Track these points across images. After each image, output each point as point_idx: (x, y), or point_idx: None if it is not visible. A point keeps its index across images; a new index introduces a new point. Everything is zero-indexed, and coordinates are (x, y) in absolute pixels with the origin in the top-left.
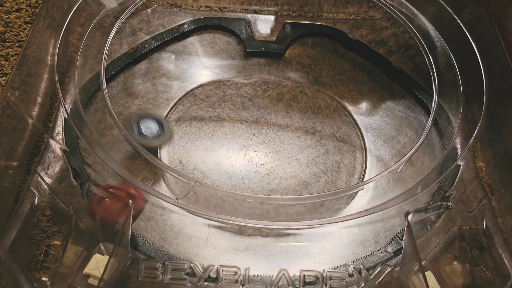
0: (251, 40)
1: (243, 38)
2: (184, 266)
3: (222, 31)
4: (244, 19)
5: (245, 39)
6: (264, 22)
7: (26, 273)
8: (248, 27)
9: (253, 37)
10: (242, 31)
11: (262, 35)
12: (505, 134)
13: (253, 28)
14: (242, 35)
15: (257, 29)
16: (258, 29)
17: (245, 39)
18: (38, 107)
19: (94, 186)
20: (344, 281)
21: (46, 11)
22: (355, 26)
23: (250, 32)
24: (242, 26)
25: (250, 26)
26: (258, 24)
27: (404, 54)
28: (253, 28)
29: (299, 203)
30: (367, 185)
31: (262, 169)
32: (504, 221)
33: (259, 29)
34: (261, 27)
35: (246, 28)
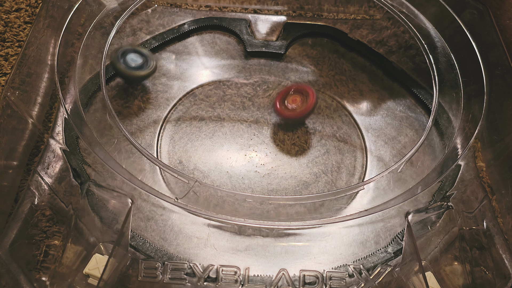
0: (251, 40)
1: (243, 38)
2: (184, 266)
3: (222, 31)
4: (245, 19)
5: (245, 39)
6: (264, 22)
7: (26, 273)
8: (249, 27)
9: (254, 37)
10: (242, 31)
11: (262, 35)
12: (506, 134)
13: (253, 28)
14: (242, 35)
15: (257, 29)
16: (259, 29)
17: (245, 39)
18: (38, 107)
19: (94, 186)
20: (344, 281)
21: (46, 11)
22: (355, 26)
23: (251, 32)
24: (242, 26)
25: (251, 26)
26: (259, 24)
27: (405, 54)
28: (254, 28)
29: (299, 203)
30: (368, 185)
31: (262, 169)
32: (505, 222)
33: (259, 29)
34: (261, 27)
35: (246, 28)
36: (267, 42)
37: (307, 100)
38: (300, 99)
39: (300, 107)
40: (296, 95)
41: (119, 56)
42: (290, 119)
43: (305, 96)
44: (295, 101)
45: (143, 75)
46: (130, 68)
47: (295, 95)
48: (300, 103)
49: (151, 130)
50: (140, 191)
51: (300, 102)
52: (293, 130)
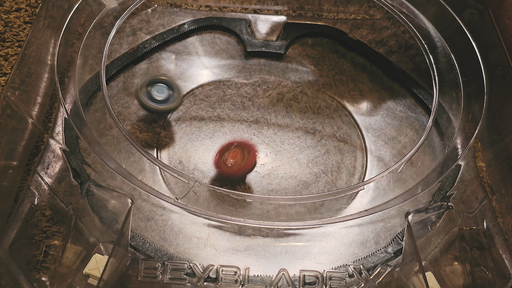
0: (251, 40)
1: (243, 38)
2: (184, 266)
3: (222, 31)
4: (245, 19)
5: (245, 39)
6: (264, 22)
7: (26, 273)
8: (249, 27)
9: (254, 37)
10: (242, 31)
11: (262, 35)
12: (506, 134)
13: (253, 28)
14: (242, 35)
15: (257, 29)
16: (259, 29)
17: (245, 39)
18: (38, 107)
19: (94, 186)
20: (344, 281)
21: (46, 11)
22: (355, 26)
23: (251, 32)
24: (242, 26)
25: (251, 26)
26: (259, 24)
27: (405, 54)
28: (253, 28)
29: (299, 203)
30: (368, 185)
31: (262, 169)
32: (505, 222)
33: (259, 29)
34: (261, 27)
35: (246, 28)
36: (267, 42)
37: (248, 158)
38: (240, 156)
39: (237, 164)
40: (238, 150)
41: (145, 88)
42: (225, 175)
43: (247, 154)
44: (234, 157)
45: (166, 109)
46: (155, 102)
47: (236, 150)
48: (240, 159)
49: (151, 130)
50: (140, 191)
51: (240, 158)
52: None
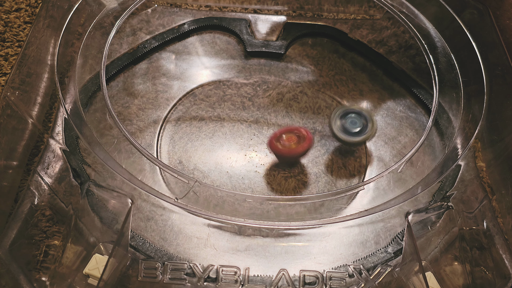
0: (251, 40)
1: (243, 38)
2: (184, 266)
3: (222, 31)
4: (245, 19)
5: (245, 39)
6: (264, 22)
7: (26, 273)
8: (249, 27)
9: (254, 37)
10: (242, 31)
11: (262, 35)
12: (506, 134)
13: (253, 28)
14: (242, 35)
15: (257, 29)
16: (259, 29)
17: (245, 39)
18: (38, 107)
19: (94, 186)
20: (344, 281)
21: (46, 11)
22: (355, 26)
23: (251, 32)
24: (242, 26)
25: (251, 26)
26: (259, 24)
27: (405, 54)
28: (253, 28)
29: (299, 203)
30: (368, 185)
31: (262, 169)
32: (505, 222)
33: (259, 29)
34: (261, 27)
35: (246, 28)
36: (267, 42)
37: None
38: (296, 139)
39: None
40: (293, 135)
41: (338, 118)
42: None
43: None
44: (290, 140)
45: (360, 141)
46: (349, 134)
47: (291, 135)
48: (296, 142)
49: (151, 130)
50: (140, 191)
51: (296, 141)
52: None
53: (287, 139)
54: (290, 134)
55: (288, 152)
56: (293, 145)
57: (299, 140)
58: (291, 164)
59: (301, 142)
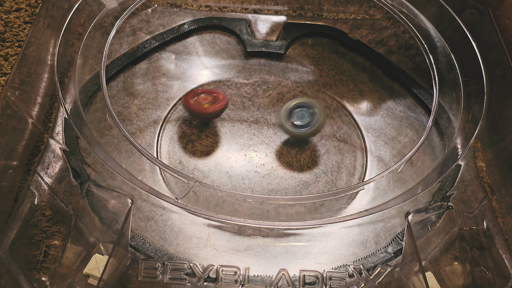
0: (251, 40)
1: (243, 38)
2: (184, 266)
3: (222, 31)
4: (245, 19)
5: (245, 39)
6: (264, 22)
7: (26, 273)
8: (249, 27)
9: (254, 37)
10: (242, 31)
11: (262, 35)
12: (506, 134)
13: (253, 28)
14: (242, 35)
15: (257, 29)
16: (259, 29)
17: (245, 39)
18: (38, 107)
19: (94, 186)
20: (344, 281)
21: (46, 11)
22: (355, 26)
23: (251, 32)
24: (242, 26)
25: (251, 26)
26: (259, 24)
27: (405, 54)
28: (253, 28)
29: (299, 203)
30: (368, 185)
31: (262, 169)
32: (505, 222)
33: (259, 29)
34: (261, 27)
35: (246, 28)
36: (267, 42)
37: (216, 104)
38: (211, 99)
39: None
40: (209, 96)
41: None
42: (192, 111)
43: (216, 100)
44: (205, 99)
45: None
46: (296, 127)
47: (208, 95)
48: (209, 102)
49: (151, 130)
50: (140, 191)
51: (210, 101)
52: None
53: (203, 99)
54: (206, 95)
55: (199, 109)
56: (205, 104)
57: (213, 101)
58: (204, 123)
59: (214, 104)
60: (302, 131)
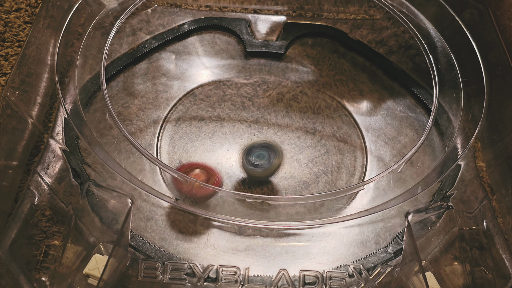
0: (251, 40)
1: (243, 38)
2: (184, 266)
3: (222, 31)
4: (244, 19)
5: (245, 39)
6: (264, 22)
7: (26, 273)
8: (248, 27)
9: (253, 37)
10: (242, 31)
11: (262, 35)
12: (506, 134)
13: (253, 28)
14: (242, 35)
15: (257, 29)
16: (258, 29)
17: (245, 39)
18: (38, 107)
19: (94, 186)
20: (344, 281)
21: (46, 11)
22: (355, 26)
23: (250, 32)
24: (242, 26)
25: (251, 26)
26: (258, 24)
27: (405, 54)
28: (253, 28)
29: (299, 203)
30: (368, 185)
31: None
32: (505, 222)
33: (259, 29)
34: (261, 27)
35: (246, 28)
36: (267, 42)
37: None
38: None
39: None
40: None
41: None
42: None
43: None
44: (198, 177)
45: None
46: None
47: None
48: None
49: (151, 130)
50: (140, 191)
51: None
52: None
53: (195, 175)
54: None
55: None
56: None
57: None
58: None
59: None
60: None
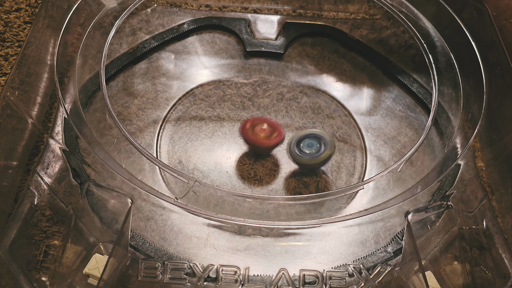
0: (251, 40)
1: (243, 38)
2: (184, 266)
3: (222, 30)
4: (244, 18)
5: (245, 38)
6: (264, 22)
7: (26, 273)
8: (248, 27)
9: (253, 36)
10: (242, 31)
11: (262, 35)
12: (505, 133)
13: (253, 28)
14: (242, 35)
15: (257, 28)
16: (258, 29)
17: (245, 38)
18: (38, 106)
19: (94, 185)
20: (344, 281)
21: (45, 11)
22: (355, 25)
23: (250, 31)
24: (242, 25)
25: (250, 25)
26: (258, 23)
27: (404, 53)
28: (253, 28)
29: (299, 203)
30: (367, 185)
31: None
32: (504, 221)
33: (259, 29)
34: (261, 27)
35: (246, 28)
36: (267, 42)
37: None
38: (268, 129)
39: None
40: (263, 125)
41: (295, 144)
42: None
43: (275, 132)
44: (263, 130)
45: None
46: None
47: (262, 126)
48: (269, 134)
49: (151, 130)
50: (140, 191)
51: (269, 133)
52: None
53: (260, 130)
54: (264, 126)
55: (256, 141)
56: (263, 136)
57: (271, 134)
58: (259, 155)
59: (272, 136)
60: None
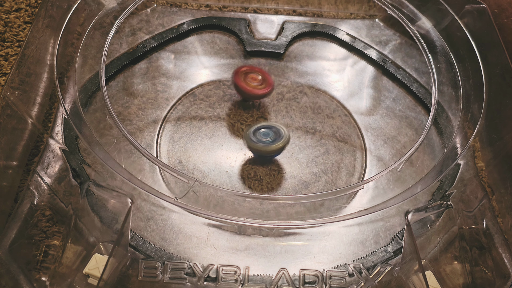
0: (251, 40)
1: (242, 38)
2: (184, 266)
3: (221, 30)
4: (244, 18)
5: (244, 38)
6: (264, 22)
7: (26, 273)
8: (248, 27)
9: (253, 36)
10: (241, 31)
11: (262, 35)
12: (505, 133)
13: (252, 28)
14: (241, 35)
15: (256, 28)
16: (258, 29)
17: (245, 38)
18: (38, 106)
19: (94, 185)
20: (344, 280)
21: (45, 11)
22: (355, 25)
23: (250, 31)
24: (241, 25)
25: (250, 25)
26: (258, 23)
27: (405, 53)
28: (253, 28)
29: (299, 203)
30: (367, 185)
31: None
32: (504, 221)
33: (258, 29)
34: (260, 27)
35: (245, 28)
36: (267, 42)
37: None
38: (260, 79)
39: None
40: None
41: (252, 131)
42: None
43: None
44: (255, 79)
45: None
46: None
47: (256, 75)
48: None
49: (151, 130)
50: (140, 191)
51: (260, 82)
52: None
53: (252, 78)
54: (257, 74)
55: (244, 88)
56: (256, 85)
57: (262, 83)
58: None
59: (262, 86)
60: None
